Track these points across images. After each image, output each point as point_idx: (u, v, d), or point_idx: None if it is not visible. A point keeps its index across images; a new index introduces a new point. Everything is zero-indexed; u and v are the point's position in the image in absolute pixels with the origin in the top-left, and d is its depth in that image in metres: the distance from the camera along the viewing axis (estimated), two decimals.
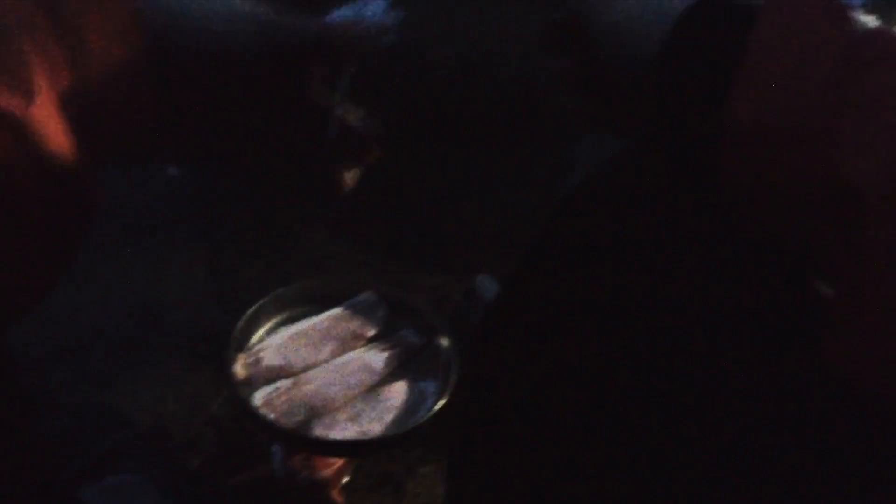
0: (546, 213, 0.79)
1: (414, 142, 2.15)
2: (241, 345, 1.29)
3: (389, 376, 1.29)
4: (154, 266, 1.95)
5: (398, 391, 1.26)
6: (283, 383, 1.24)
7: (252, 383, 1.23)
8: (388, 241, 2.00)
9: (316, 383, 1.25)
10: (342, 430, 1.19)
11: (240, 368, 1.24)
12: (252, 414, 1.19)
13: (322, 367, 1.28)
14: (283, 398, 1.21)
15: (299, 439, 1.21)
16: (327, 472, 1.48)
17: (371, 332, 1.34)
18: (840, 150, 0.46)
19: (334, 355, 1.30)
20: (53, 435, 1.57)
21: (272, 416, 1.18)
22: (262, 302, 1.33)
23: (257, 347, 1.30)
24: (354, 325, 1.34)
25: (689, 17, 0.56)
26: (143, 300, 1.87)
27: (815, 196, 0.48)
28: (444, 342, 1.31)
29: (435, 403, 1.21)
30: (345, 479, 1.57)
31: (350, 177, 0.84)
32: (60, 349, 1.77)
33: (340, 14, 0.63)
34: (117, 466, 1.53)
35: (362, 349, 1.32)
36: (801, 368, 0.52)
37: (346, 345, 1.32)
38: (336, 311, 1.37)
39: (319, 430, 1.19)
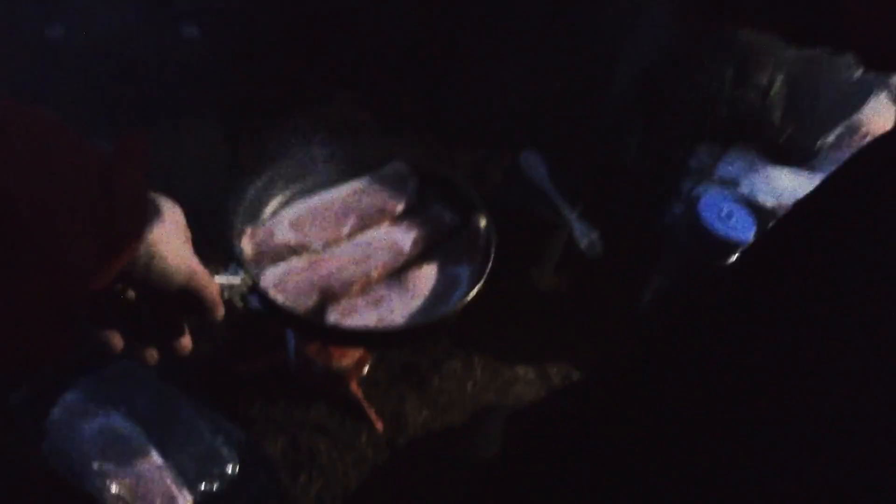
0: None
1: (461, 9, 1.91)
2: (251, 217, 1.10)
3: (418, 258, 1.10)
4: (169, 133, 1.77)
5: (427, 276, 1.07)
6: (296, 262, 1.05)
7: (262, 261, 1.05)
8: (423, 111, 1.79)
9: (333, 263, 1.05)
10: (359, 318, 1.01)
11: (247, 244, 1.06)
12: (260, 295, 1.01)
13: (341, 246, 1.09)
14: (296, 279, 1.03)
15: (310, 326, 1.02)
16: (345, 363, 1.33)
17: (399, 208, 1.14)
18: None
19: (356, 232, 1.11)
20: None
21: (281, 298, 1.00)
22: (276, 168, 1.14)
23: (270, 221, 1.11)
24: (381, 198, 1.14)
25: None
26: (153, 167, 1.69)
27: None
28: (482, 223, 1.11)
29: (468, 292, 1.02)
30: (364, 371, 1.43)
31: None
32: None
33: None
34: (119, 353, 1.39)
35: (388, 226, 1.12)
36: None
37: (369, 221, 1.12)
38: (361, 181, 1.17)
39: (334, 316, 1.01)
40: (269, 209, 1.14)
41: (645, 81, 1.65)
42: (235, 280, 0.89)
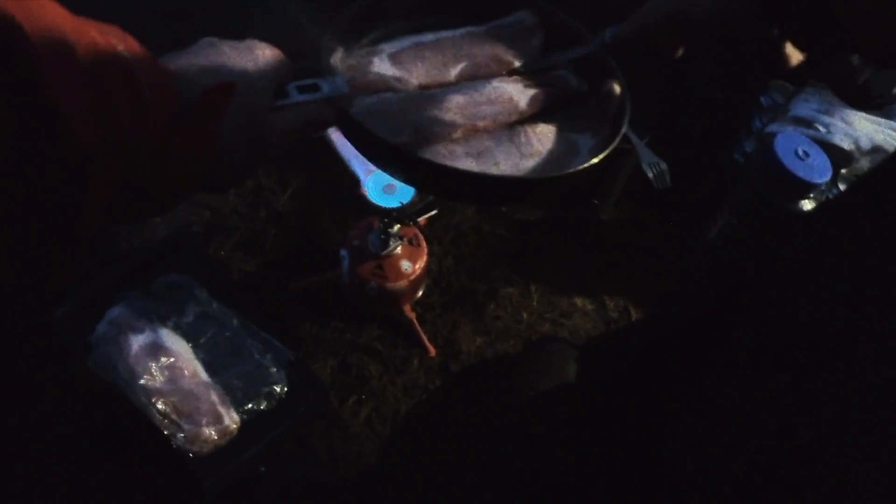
0: None
1: None
2: (347, 41, 0.84)
3: (534, 118, 0.83)
4: None
5: (543, 136, 0.81)
6: (391, 96, 0.81)
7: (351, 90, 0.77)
8: None
9: (435, 103, 0.81)
10: (459, 164, 0.76)
11: (339, 65, 0.81)
12: (344, 122, 0.73)
13: (448, 89, 0.83)
14: (389, 112, 0.78)
15: (401, 156, 0.74)
16: (400, 284, 1.15)
17: (517, 63, 0.88)
18: None
19: (466, 78, 0.86)
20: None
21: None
22: None
23: (368, 50, 0.85)
24: (498, 49, 0.88)
25: None
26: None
27: None
28: (616, 90, 0.84)
29: (588, 160, 0.74)
30: (418, 294, 1.25)
31: None
32: None
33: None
34: (167, 266, 1.21)
35: (504, 80, 0.86)
36: None
37: (482, 69, 0.87)
38: (478, 28, 0.91)
39: (428, 157, 0.76)
40: (367, 39, 0.87)
41: None
42: (344, 89, 0.66)
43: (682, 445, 0.76)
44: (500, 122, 0.81)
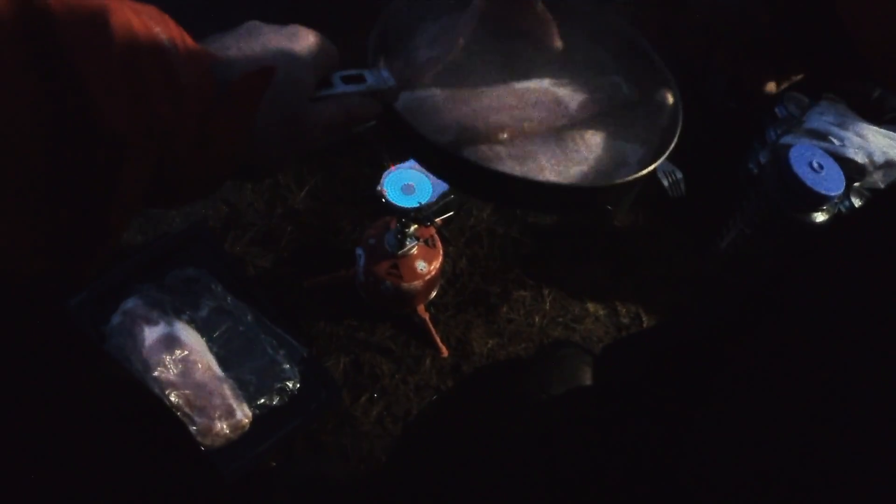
0: None
1: None
2: (390, 44, 0.78)
3: (583, 123, 0.80)
4: None
5: (590, 142, 0.77)
6: (437, 91, 0.77)
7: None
8: None
9: (482, 102, 0.77)
10: (501, 168, 0.72)
11: (383, 59, 0.75)
12: (389, 117, 0.70)
13: (494, 87, 0.80)
14: (433, 108, 0.75)
15: (444, 156, 0.71)
16: (415, 284, 1.15)
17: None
18: None
19: (513, 78, 0.81)
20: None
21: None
22: None
23: (411, 45, 0.80)
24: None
25: None
26: None
27: None
28: (669, 100, 0.80)
29: (636, 171, 0.71)
30: (433, 295, 1.24)
31: None
32: None
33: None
34: (182, 260, 1.21)
35: (553, 82, 0.82)
36: None
37: (532, 71, 0.82)
38: None
39: (472, 158, 0.73)
40: (411, 43, 0.82)
41: None
42: (389, 82, 0.64)
43: (701, 451, 0.75)
44: (548, 125, 0.78)
